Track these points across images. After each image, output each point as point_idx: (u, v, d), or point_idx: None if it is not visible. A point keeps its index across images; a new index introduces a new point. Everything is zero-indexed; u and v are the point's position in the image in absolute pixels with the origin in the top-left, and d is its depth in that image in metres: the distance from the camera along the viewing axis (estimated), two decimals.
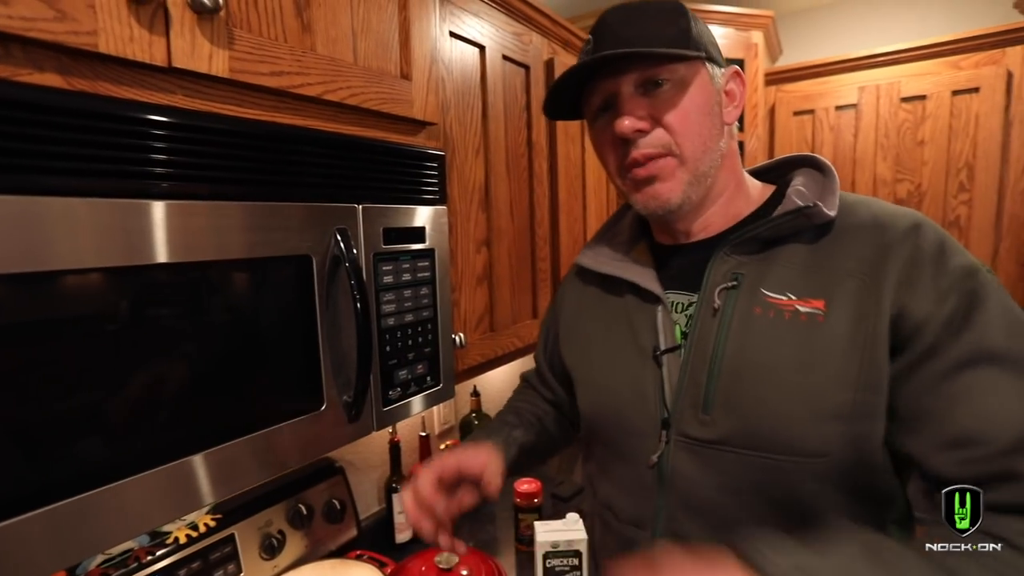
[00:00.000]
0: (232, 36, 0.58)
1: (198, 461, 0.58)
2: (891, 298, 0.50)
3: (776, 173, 0.67)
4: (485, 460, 0.64)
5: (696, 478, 0.58)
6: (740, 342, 0.56)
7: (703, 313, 0.59)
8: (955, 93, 1.61)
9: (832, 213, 0.55)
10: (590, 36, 0.61)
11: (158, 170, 0.53)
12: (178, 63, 0.54)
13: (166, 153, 0.54)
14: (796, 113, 1.84)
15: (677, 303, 0.64)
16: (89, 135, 0.48)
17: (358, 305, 0.70)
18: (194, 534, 0.90)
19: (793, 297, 0.55)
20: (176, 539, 0.88)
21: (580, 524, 1.05)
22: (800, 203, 0.56)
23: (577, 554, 1.02)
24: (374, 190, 0.78)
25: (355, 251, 0.71)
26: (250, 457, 0.64)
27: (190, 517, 0.93)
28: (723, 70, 0.61)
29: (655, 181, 0.59)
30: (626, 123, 0.57)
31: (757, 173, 0.69)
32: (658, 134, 0.57)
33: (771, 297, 0.56)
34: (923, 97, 1.64)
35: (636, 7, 0.59)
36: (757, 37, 1.76)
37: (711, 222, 0.64)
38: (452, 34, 1.00)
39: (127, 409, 0.53)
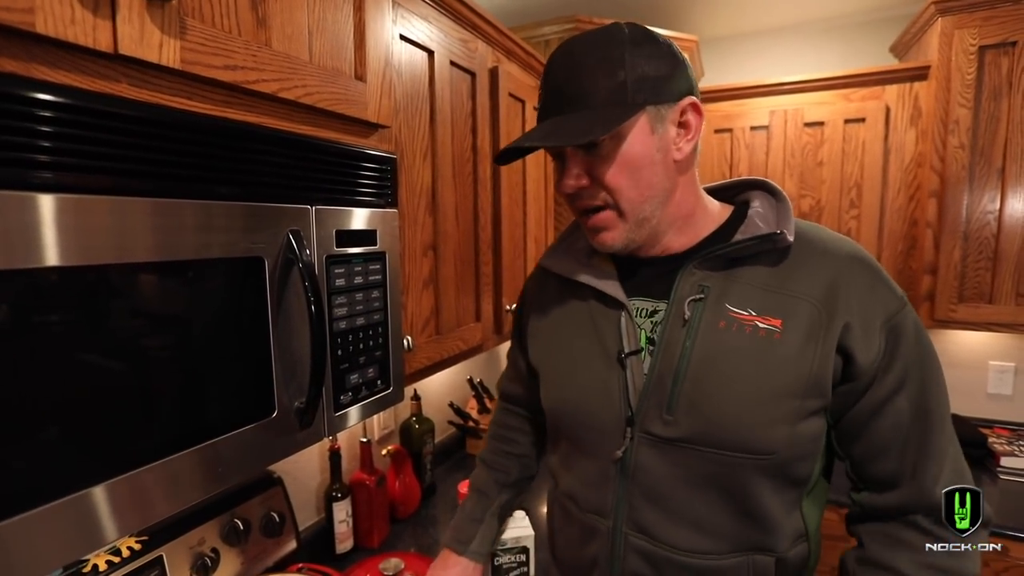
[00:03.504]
0: (184, 25, 0.55)
1: (135, 479, 0.54)
2: (838, 332, 0.59)
3: (729, 193, 0.73)
4: None
5: (656, 471, 0.64)
6: (705, 350, 0.62)
7: (672, 321, 0.64)
8: (847, 121, 1.82)
9: (792, 239, 0.61)
10: (542, 81, 0.64)
11: (100, 164, 0.50)
12: (125, 50, 0.50)
13: (108, 146, 0.50)
14: (717, 131, 2.00)
15: (641, 309, 0.68)
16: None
17: (312, 308, 0.68)
18: (116, 560, 0.83)
19: (754, 313, 0.61)
20: (95, 567, 0.80)
21: (526, 521, 1.08)
22: (765, 229, 0.62)
23: (524, 550, 1.05)
24: (327, 192, 0.76)
25: (308, 253, 0.70)
26: (195, 471, 0.60)
27: None
28: (675, 105, 0.61)
29: (601, 231, 0.64)
30: (568, 184, 0.63)
31: (712, 191, 0.73)
32: (595, 189, 0.62)
33: (734, 312, 0.62)
34: (822, 123, 1.85)
35: (576, 56, 0.60)
36: None
37: (672, 244, 0.67)
38: (402, 37, 0.99)
39: (52, 425, 0.48)
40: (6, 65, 0.44)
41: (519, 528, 1.06)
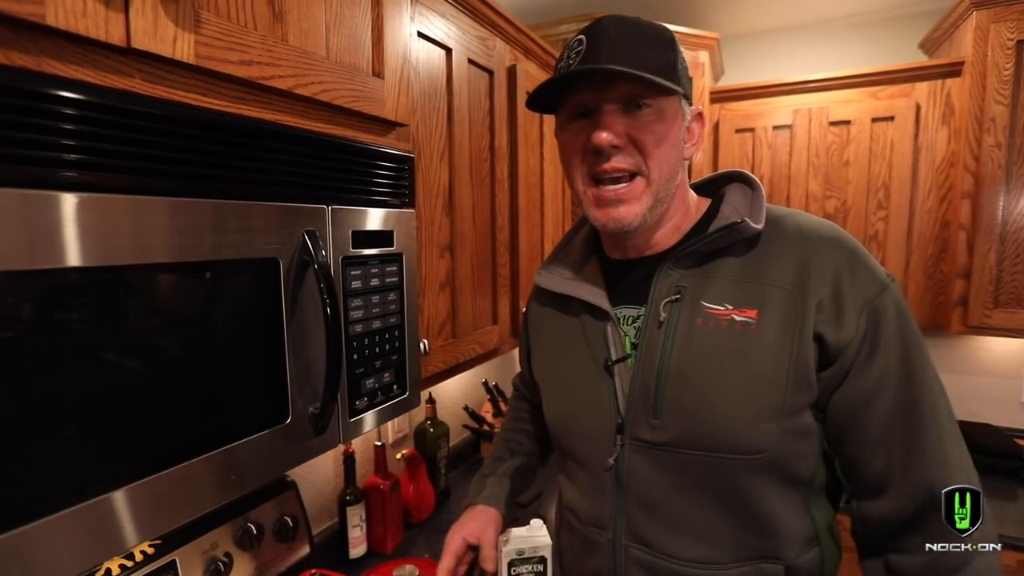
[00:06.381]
0: (199, 19, 0.54)
1: (147, 487, 0.52)
2: (813, 316, 0.56)
3: (711, 188, 0.72)
4: (479, 533, 0.78)
5: (649, 478, 0.62)
6: (684, 351, 0.60)
7: (650, 325, 0.63)
8: (874, 120, 1.77)
9: (759, 226, 0.60)
10: (581, 36, 0.60)
11: (111, 162, 0.48)
12: (138, 44, 0.49)
13: (121, 144, 0.49)
14: (738, 131, 1.95)
15: (627, 316, 0.67)
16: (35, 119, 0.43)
17: (328, 311, 0.66)
18: (129, 564, 0.82)
19: (730, 307, 0.60)
20: (108, 571, 0.79)
21: (544, 530, 1.05)
22: (730, 219, 0.61)
23: (542, 560, 1.01)
24: (343, 191, 0.74)
25: (324, 254, 0.68)
26: (209, 477, 0.58)
27: None
28: (691, 108, 0.64)
29: (620, 204, 0.61)
30: (604, 136, 0.58)
31: (695, 188, 0.73)
32: (631, 152, 0.60)
33: (710, 308, 0.60)
34: (848, 122, 1.80)
35: (634, 24, 0.59)
36: (704, 57, 1.86)
37: (659, 240, 0.67)
38: (420, 34, 0.98)
39: (58, 432, 0.46)
40: (15, 59, 0.43)
41: (537, 537, 1.03)
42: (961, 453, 0.57)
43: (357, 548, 1.26)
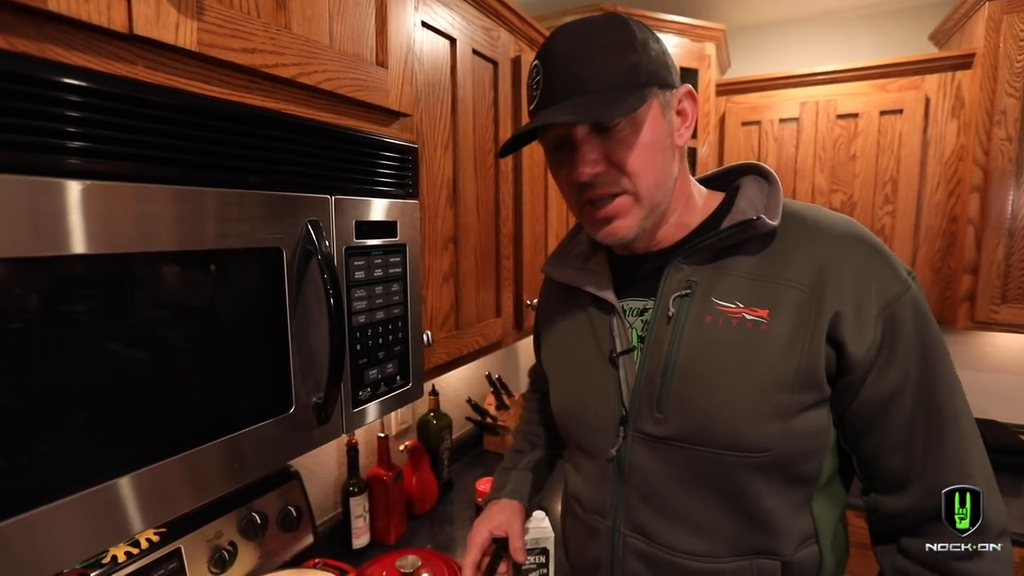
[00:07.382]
0: (202, 6, 0.53)
1: (151, 474, 0.53)
2: (828, 320, 0.55)
3: (724, 180, 0.70)
4: (506, 525, 0.80)
5: (651, 470, 0.63)
6: (691, 347, 0.60)
7: (658, 319, 0.63)
8: (882, 113, 1.75)
9: (774, 223, 0.58)
10: (537, 63, 0.59)
11: (115, 149, 0.48)
12: (140, 31, 0.48)
13: (126, 131, 0.48)
14: (744, 123, 1.93)
15: (633, 308, 0.67)
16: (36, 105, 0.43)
17: (331, 301, 0.66)
18: (135, 551, 0.83)
19: (741, 305, 0.59)
20: (114, 558, 0.80)
21: (546, 522, 1.05)
22: (751, 214, 0.59)
23: (544, 552, 1.02)
24: (347, 181, 0.74)
25: (327, 244, 0.68)
26: (212, 465, 0.59)
27: None
28: (675, 91, 0.61)
29: (612, 220, 0.60)
30: (584, 171, 0.58)
31: (706, 180, 0.71)
32: (613, 174, 0.58)
33: (721, 305, 0.59)
34: (855, 115, 1.78)
35: (584, 38, 0.57)
36: (710, 49, 1.84)
37: (663, 236, 0.66)
38: (424, 24, 0.97)
39: (63, 419, 0.47)
40: (17, 45, 0.43)
41: (539, 529, 1.03)
42: (979, 452, 0.58)
43: (360, 538, 1.27)
